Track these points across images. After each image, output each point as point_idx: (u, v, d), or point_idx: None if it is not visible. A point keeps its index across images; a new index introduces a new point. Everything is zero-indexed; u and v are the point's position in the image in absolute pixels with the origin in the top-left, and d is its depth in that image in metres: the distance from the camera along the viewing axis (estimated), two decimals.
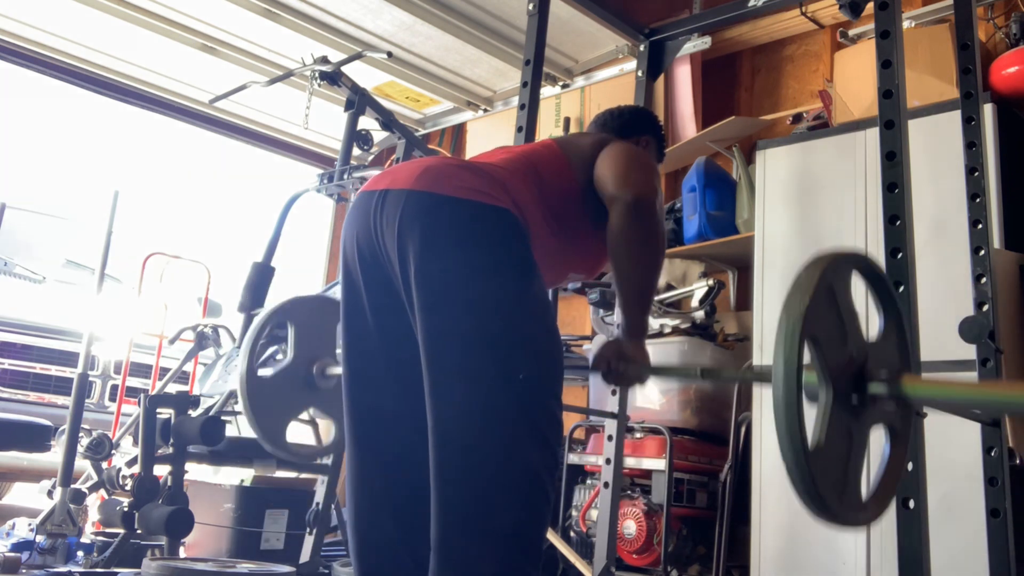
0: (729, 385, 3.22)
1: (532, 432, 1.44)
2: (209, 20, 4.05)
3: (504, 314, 1.46)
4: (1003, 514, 1.97)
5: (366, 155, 5.23)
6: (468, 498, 1.42)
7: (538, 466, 1.43)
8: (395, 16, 3.95)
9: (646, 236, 1.58)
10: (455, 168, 1.57)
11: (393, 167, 1.64)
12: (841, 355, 1.11)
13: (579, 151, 1.72)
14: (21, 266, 5.08)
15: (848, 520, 1.12)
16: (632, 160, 1.65)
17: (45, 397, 4.46)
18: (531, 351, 1.47)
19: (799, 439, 1.02)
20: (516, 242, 1.51)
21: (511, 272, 1.49)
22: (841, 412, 1.10)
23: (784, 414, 1.02)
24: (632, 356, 1.59)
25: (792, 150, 3.08)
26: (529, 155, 1.72)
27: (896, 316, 1.24)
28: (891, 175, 1.64)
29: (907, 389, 1.13)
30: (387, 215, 1.51)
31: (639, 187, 1.59)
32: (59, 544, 3.00)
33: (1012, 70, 2.80)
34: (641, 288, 1.60)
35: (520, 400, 1.43)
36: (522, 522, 1.42)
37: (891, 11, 1.72)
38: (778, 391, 1.02)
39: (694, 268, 3.55)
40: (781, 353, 1.03)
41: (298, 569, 2.81)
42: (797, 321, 1.04)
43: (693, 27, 2.67)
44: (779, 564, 2.78)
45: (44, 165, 8.54)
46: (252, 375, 1.80)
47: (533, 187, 1.63)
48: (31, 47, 4.28)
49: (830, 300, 1.11)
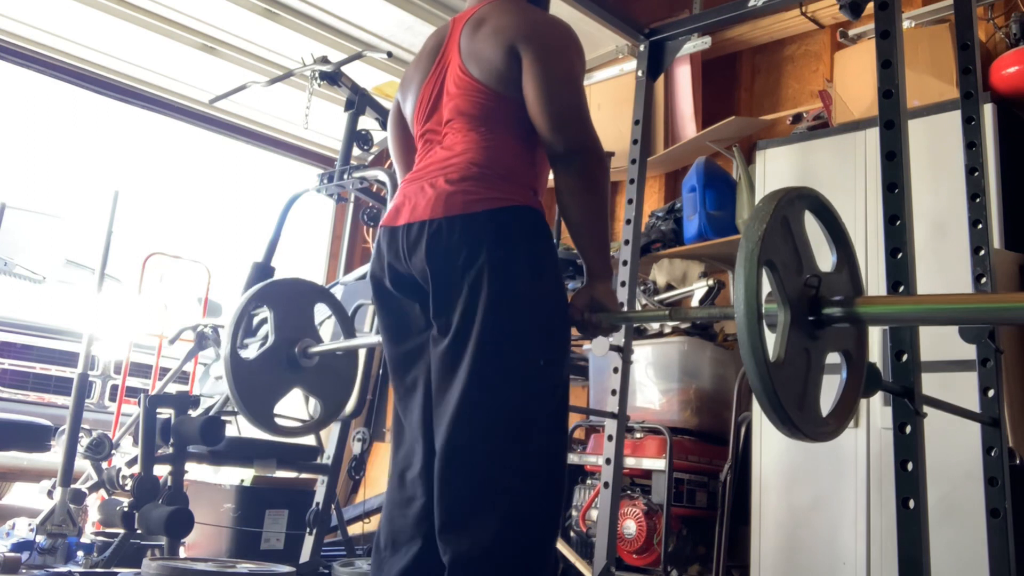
0: (729, 385, 3.22)
1: (556, 412, 1.57)
2: (209, 20, 4.05)
3: (535, 307, 1.56)
4: (1003, 514, 1.97)
5: (366, 155, 5.23)
6: (489, 480, 1.50)
7: (557, 448, 1.55)
8: (395, 16, 3.95)
9: (589, 184, 1.62)
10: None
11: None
12: (797, 281, 1.20)
13: (489, 66, 1.67)
14: (21, 266, 5.08)
15: (808, 432, 1.20)
16: (560, 98, 1.62)
17: (45, 397, 4.47)
18: (550, 339, 1.58)
19: (761, 353, 1.10)
20: (531, 240, 1.61)
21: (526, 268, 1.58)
22: (799, 332, 1.18)
23: (747, 330, 1.09)
24: (601, 300, 1.64)
25: (792, 150, 3.08)
26: (462, 121, 1.69)
27: (847, 250, 1.33)
28: (891, 175, 1.64)
29: (860, 309, 1.21)
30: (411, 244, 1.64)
31: (578, 140, 1.62)
32: (59, 544, 3.00)
33: (1012, 70, 2.80)
34: (593, 232, 1.64)
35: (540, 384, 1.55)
36: (541, 502, 1.53)
37: (891, 11, 1.72)
38: (740, 310, 1.10)
39: (694, 268, 3.55)
40: (742, 275, 1.11)
41: (298, 569, 2.81)
42: (756, 245, 1.12)
43: (693, 27, 2.67)
44: (779, 564, 2.78)
45: (44, 165, 8.55)
46: (236, 358, 1.83)
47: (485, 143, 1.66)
48: (31, 47, 4.28)
49: (785, 230, 1.19)
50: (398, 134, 1.95)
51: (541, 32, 1.67)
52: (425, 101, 1.77)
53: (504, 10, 1.72)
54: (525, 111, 1.64)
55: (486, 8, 1.75)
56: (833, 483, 2.70)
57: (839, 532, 2.65)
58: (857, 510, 2.63)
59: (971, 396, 2.06)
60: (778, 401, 1.12)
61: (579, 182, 1.61)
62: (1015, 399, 2.30)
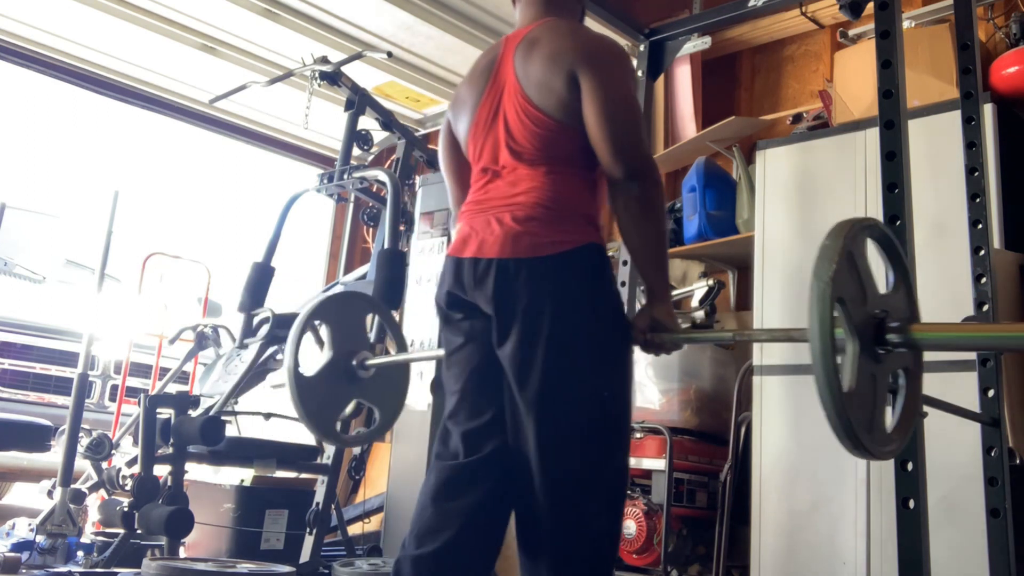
0: (729, 385, 3.22)
1: (621, 440, 1.66)
2: (209, 20, 4.05)
3: (594, 343, 1.63)
4: (1003, 514, 1.97)
5: (366, 155, 5.23)
6: (567, 501, 1.58)
7: (624, 470, 1.68)
8: (395, 16, 3.95)
9: (649, 209, 1.66)
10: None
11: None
12: (862, 311, 1.29)
13: (550, 93, 1.70)
14: (21, 266, 5.08)
15: (878, 453, 1.31)
16: (621, 124, 1.66)
17: (45, 397, 4.47)
18: (613, 372, 1.66)
19: (836, 387, 1.19)
20: (594, 279, 1.67)
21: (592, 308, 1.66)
22: (866, 359, 1.28)
23: (822, 367, 1.19)
24: (662, 321, 1.67)
25: (792, 150, 3.08)
26: (526, 164, 1.73)
27: (904, 271, 1.43)
28: (891, 175, 1.64)
29: (916, 336, 1.32)
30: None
31: (633, 163, 1.65)
32: (59, 544, 3.00)
33: (1012, 70, 2.80)
34: (653, 255, 1.68)
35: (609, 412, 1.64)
36: (612, 521, 1.63)
37: (891, 11, 1.72)
38: (815, 347, 1.20)
39: (694, 268, 3.55)
40: (816, 314, 1.20)
41: (298, 569, 2.81)
42: (827, 286, 1.21)
43: (693, 27, 2.66)
44: (779, 564, 2.78)
45: (44, 165, 8.54)
46: (299, 376, 1.89)
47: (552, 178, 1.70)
48: (31, 47, 4.29)
49: (851, 264, 1.27)
50: (451, 155, 1.97)
51: (599, 56, 1.70)
52: (481, 124, 1.80)
53: (558, 32, 1.76)
54: (585, 139, 1.69)
55: (538, 29, 1.79)
56: (833, 483, 2.70)
57: (839, 532, 2.65)
58: (857, 510, 2.63)
59: (971, 396, 2.06)
60: (852, 429, 1.21)
61: (639, 207, 1.65)
62: (1015, 399, 2.30)
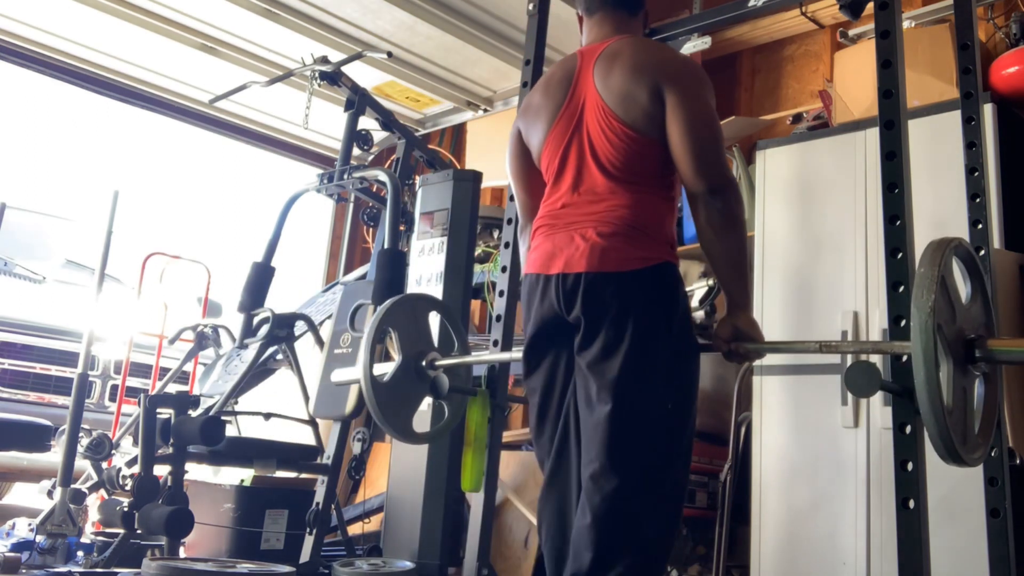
0: (729, 385, 3.22)
1: (682, 451, 1.74)
2: (209, 20, 4.05)
3: (667, 357, 1.72)
4: (1003, 514, 1.97)
5: (366, 155, 5.23)
6: (627, 510, 1.65)
7: (682, 484, 1.75)
8: (395, 16, 3.95)
9: (727, 220, 1.72)
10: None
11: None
12: (952, 330, 1.41)
13: (635, 106, 1.75)
14: (21, 266, 5.07)
15: (970, 461, 1.41)
16: (705, 140, 1.72)
17: (45, 397, 4.47)
18: (683, 388, 1.77)
19: (940, 409, 1.30)
20: (671, 296, 1.75)
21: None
22: (959, 375, 1.40)
23: (927, 391, 1.31)
24: (745, 330, 1.72)
25: (792, 150, 3.08)
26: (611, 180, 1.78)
27: (981, 283, 1.55)
28: (891, 175, 1.64)
29: (996, 351, 1.46)
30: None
31: (715, 178, 1.71)
32: (59, 544, 3.00)
33: (1012, 70, 2.80)
34: (734, 266, 1.73)
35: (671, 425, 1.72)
36: (665, 529, 1.70)
37: (891, 11, 1.72)
38: (920, 374, 1.32)
39: (694, 268, 3.55)
40: (919, 345, 1.32)
41: (298, 569, 2.80)
42: (928, 316, 1.32)
43: (693, 27, 2.66)
44: (779, 564, 2.78)
45: (44, 165, 8.54)
46: (374, 380, 1.95)
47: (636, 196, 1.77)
48: (31, 47, 4.28)
49: (943, 289, 1.38)
50: (520, 164, 1.99)
51: (685, 72, 1.79)
52: (559, 136, 1.83)
53: (641, 46, 1.82)
54: (666, 152, 1.74)
55: (618, 43, 1.83)
56: (833, 483, 2.70)
57: (839, 532, 2.65)
58: (857, 510, 2.63)
59: None
60: (952, 444, 1.32)
61: (720, 220, 1.71)
62: (1015, 399, 2.30)
